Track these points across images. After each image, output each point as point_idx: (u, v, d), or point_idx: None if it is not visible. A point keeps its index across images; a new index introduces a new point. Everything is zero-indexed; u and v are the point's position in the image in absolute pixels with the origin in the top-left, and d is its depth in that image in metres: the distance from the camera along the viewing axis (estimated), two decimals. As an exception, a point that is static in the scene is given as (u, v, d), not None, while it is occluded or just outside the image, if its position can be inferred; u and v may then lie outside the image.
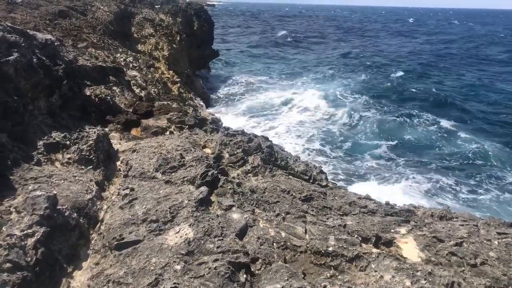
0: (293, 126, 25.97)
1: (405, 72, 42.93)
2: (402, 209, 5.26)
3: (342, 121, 27.37)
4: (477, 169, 20.64)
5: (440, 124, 26.84)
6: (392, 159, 21.37)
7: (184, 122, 7.51)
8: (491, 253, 4.17)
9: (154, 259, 3.35)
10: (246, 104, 30.99)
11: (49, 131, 4.99)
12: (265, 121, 26.82)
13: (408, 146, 23.34)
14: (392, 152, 22.26)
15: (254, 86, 36.96)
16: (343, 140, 23.80)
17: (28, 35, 5.74)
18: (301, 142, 23.01)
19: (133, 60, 13.67)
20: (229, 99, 32.46)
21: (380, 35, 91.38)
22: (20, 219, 3.32)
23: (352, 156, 21.53)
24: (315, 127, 25.90)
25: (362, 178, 18.80)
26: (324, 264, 3.86)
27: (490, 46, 72.05)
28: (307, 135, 24.24)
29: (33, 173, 4.13)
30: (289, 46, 66.15)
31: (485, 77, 42.78)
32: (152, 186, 4.58)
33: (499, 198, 17.72)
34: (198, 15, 34.31)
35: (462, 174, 19.98)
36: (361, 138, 24.26)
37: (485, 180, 19.39)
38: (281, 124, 26.28)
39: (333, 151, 22.11)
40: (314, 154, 21.42)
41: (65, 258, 3.48)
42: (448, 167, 20.65)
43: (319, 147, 22.50)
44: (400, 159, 21.30)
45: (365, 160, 21.01)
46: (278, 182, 5.43)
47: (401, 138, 24.22)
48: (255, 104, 30.87)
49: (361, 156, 21.57)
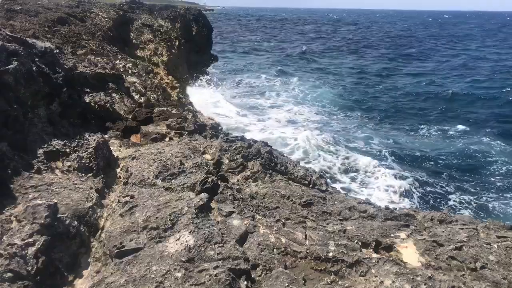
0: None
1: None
2: (402, 213, 5.27)
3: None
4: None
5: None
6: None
7: (184, 128, 7.52)
8: (491, 256, 4.18)
9: (155, 266, 3.36)
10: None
11: (49, 139, 5.00)
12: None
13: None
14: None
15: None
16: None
17: (28, 44, 5.77)
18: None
19: (132, 66, 13.71)
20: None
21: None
22: (20, 228, 3.33)
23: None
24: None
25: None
26: (324, 269, 3.87)
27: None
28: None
29: (33, 181, 4.14)
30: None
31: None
32: (152, 193, 4.59)
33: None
34: (196, 20, 34.43)
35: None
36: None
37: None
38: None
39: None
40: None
41: (66, 266, 3.49)
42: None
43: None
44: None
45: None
46: (278, 188, 5.44)
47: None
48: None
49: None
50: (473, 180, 20.13)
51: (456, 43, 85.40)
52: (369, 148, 24.25)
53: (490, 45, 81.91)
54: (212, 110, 27.33)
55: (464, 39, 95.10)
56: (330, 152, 22.90)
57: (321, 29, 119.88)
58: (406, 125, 29.52)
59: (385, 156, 22.77)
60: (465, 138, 26.40)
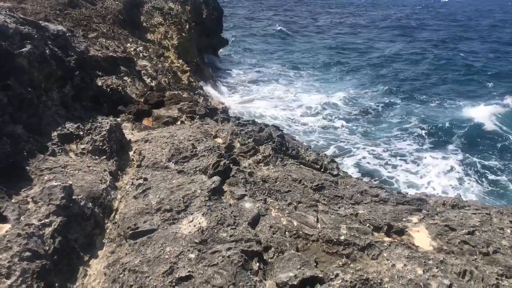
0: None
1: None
2: (414, 197, 5.26)
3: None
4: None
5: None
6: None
7: (195, 111, 7.53)
8: (504, 241, 4.17)
9: (169, 247, 3.41)
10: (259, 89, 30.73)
11: (63, 122, 5.05)
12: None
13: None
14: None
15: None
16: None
17: (41, 27, 5.78)
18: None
19: (143, 50, 13.69)
20: (241, 86, 32.07)
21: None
22: (37, 209, 3.39)
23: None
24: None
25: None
26: (336, 252, 3.89)
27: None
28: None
29: (48, 163, 4.19)
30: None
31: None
32: (165, 176, 4.63)
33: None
34: (207, 3, 34.09)
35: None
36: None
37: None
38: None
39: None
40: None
41: (82, 247, 3.56)
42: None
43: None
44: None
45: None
46: (290, 172, 5.45)
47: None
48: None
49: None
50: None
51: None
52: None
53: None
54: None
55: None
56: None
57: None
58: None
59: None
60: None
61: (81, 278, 3.33)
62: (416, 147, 20.62)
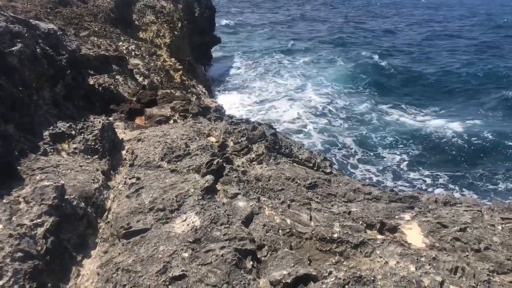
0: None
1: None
2: (406, 195, 5.29)
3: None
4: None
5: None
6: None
7: (188, 110, 7.51)
8: (495, 238, 4.21)
9: (162, 247, 3.40)
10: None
11: (54, 121, 5.01)
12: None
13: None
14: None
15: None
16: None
17: (31, 25, 5.73)
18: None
19: (135, 48, 13.63)
20: (233, 84, 32.19)
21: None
22: (29, 209, 3.37)
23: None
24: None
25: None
26: (329, 250, 3.90)
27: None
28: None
29: (40, 163, 4.16)
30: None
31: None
32: (158, 175, 4.61)
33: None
34: (199, 1, 34.01)
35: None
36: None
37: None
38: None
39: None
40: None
41: (74, 247, 3.54)
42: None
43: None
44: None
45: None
46: (283, 170, 5.46)
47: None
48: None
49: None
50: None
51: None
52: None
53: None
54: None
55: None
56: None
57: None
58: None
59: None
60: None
61: (74, 278, 3.31)
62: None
